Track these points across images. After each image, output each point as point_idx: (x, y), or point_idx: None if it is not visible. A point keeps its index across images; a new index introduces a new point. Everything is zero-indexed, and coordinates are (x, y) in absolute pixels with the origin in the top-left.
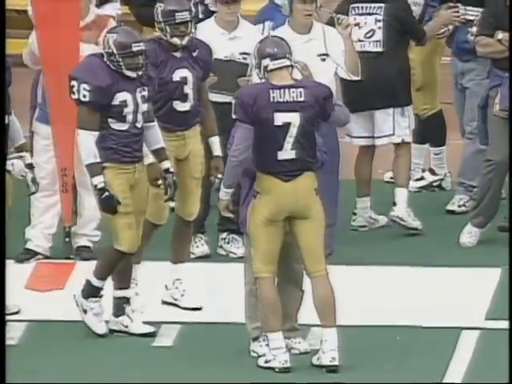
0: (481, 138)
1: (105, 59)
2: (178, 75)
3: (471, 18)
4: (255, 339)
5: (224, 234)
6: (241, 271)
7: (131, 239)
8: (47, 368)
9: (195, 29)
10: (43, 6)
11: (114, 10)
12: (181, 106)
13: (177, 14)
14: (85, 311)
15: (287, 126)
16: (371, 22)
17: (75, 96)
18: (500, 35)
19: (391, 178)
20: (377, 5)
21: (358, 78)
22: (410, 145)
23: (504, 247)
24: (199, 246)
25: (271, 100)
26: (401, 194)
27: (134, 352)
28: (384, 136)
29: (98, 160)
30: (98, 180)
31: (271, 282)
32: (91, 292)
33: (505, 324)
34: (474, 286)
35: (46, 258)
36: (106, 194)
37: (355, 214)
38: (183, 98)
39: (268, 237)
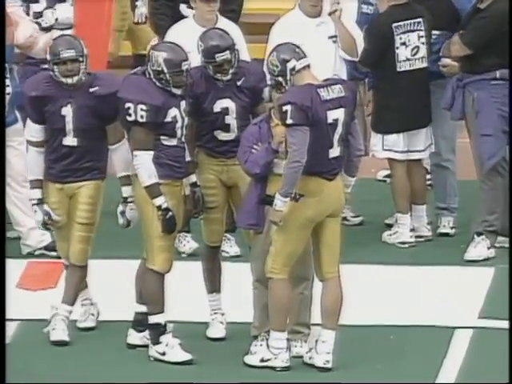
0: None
1: (151, 77)
2: (219, 106)
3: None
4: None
5: None
6: (235, 270)
7: (167, 260)
8: (45, 368)
9: (238, 58)
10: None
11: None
12: (223, 136)
13: (217, 55)
14: (163, 353)
15: (336, 122)
16: (414, 39)
17: (131, 118)
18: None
19: (384, 176)
20: (416, 20)
21: (356, 59)
22: None
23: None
24: (186, 244)
25: (322, 99)
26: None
27: (132, 351)
28: (428, 148)
29: (158, 180)
30: (162, 200)
31: (287, 283)
32: (157, 332)
33: (498, 323)
34: (468, 284)
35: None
36: (170, 213)
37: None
38: (225, 128)
39: (301, 239)
